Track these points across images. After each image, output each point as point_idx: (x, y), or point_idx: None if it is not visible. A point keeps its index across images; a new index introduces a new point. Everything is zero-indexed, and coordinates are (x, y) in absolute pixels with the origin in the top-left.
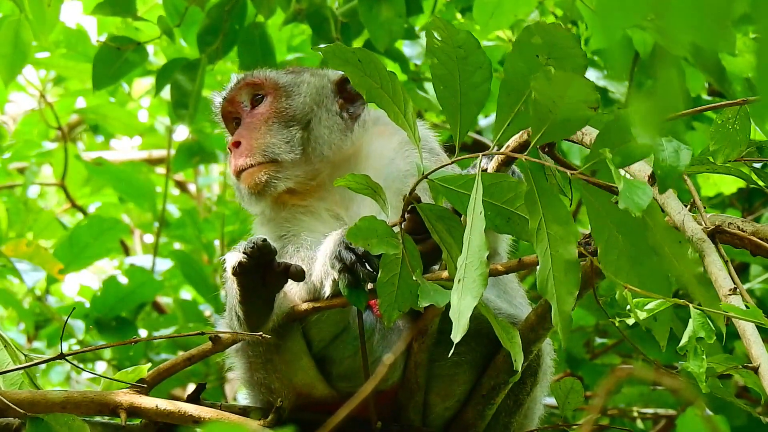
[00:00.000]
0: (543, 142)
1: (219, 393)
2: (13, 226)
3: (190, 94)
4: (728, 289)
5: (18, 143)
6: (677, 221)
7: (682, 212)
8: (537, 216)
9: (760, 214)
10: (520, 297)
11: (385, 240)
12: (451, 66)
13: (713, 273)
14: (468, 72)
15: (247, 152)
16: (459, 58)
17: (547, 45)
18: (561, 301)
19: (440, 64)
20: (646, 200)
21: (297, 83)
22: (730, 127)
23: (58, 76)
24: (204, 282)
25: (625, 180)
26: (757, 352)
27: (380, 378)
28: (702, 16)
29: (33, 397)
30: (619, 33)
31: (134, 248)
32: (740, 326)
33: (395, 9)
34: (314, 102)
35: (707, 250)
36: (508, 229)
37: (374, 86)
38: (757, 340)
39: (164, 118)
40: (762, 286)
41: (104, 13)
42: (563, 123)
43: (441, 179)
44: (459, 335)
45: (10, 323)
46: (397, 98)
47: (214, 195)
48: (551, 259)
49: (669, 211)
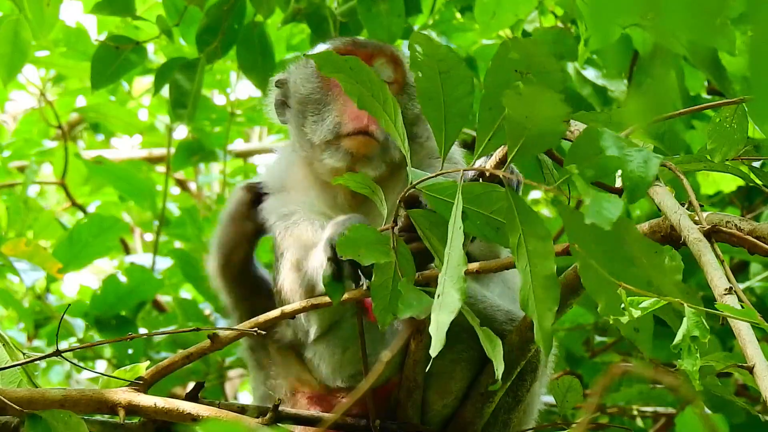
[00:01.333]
0: (519, 157)
1: (219, 391)
2: (13, 225)
3: (188, 94)
4: (724, 289)
5: (18, 142)
6: (673, 221)
7: (679, 211)
8: (516, 232)
9: (760, 212)
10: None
11: (375, 249)
12: (435, 80)
13: (709, 273)
14: (451, 86)
15: (371, 120)
16: (441, 71)
17: (525, 60)
18: (541, 318)
19: (424, 77)
20: (615, 213)
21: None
22: (728, 125)
23: (58, 74)
24: (204, 281)
25: (593, 193)
26: (752, 352)
27: (377, 375)
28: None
29: (31, 395)
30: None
31: (134, 247)
32: (735, 326)
33: (394, 9)
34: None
35: (703, 250)
36: (498, 239)
37: (365, 94)
38: (751, 340)
39: (164, 117)
40: (762, 284)
41: (103, 13)
42: (538, 138)
43: (430, 188)
44: (437, 350)
45: (10, 322)
46: (388, 107)
47: (214, 193)
48: (531, 276)
49: (665, 210)
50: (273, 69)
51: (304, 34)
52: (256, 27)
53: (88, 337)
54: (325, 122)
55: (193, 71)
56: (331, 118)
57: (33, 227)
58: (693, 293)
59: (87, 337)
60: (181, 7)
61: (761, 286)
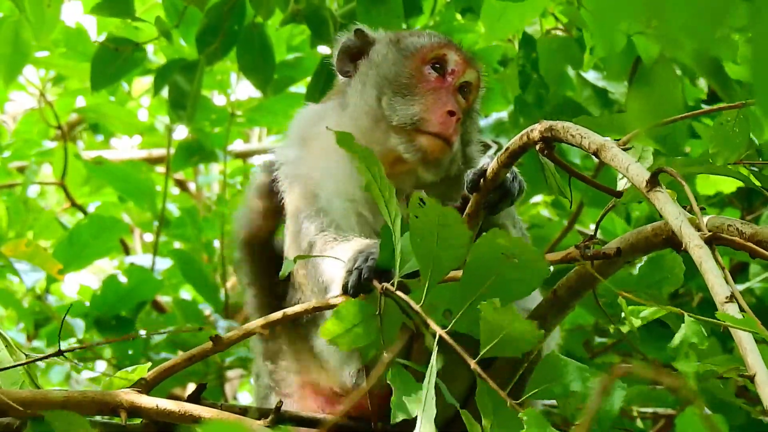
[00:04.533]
0: (489, 356)
1: (218, 392)
2: (13, 226)
3: (188, 95)
4: (725, 297)
5: (18, 142)
6: (675, 227)
7: (680, 218)
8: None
9: (760, 214)
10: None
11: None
12: (432, 229)
13: (710, 280)
14: (446, 239)
15: (457, 132)
16: (440, 224)
17: (512, 251)
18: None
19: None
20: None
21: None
22: (729, 129)
23: (57, 75)
24: (204, 281)
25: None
26: (753, 361)
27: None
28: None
29: (33, 397)
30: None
31: (134, 247)
32: (736, 335)
33: (394, 10)
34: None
35: (704, 257)
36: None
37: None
38: (752, 348)
39: (164, 117)
40: (761, 285)
41: (102, 14)
42: (511, 343)
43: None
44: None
45: (10, 322)
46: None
47: (213, 194)
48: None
49: (667, 216)
50: (273, 70)
51: (304, 35)
52: (255, 28)
53: (88, 337)
54: (409, 110)
55: (193, 73)
56: (417, 108)
57: (33, 228)
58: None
59: (87, 338)
60: (180, 8)
61: (761, 287)
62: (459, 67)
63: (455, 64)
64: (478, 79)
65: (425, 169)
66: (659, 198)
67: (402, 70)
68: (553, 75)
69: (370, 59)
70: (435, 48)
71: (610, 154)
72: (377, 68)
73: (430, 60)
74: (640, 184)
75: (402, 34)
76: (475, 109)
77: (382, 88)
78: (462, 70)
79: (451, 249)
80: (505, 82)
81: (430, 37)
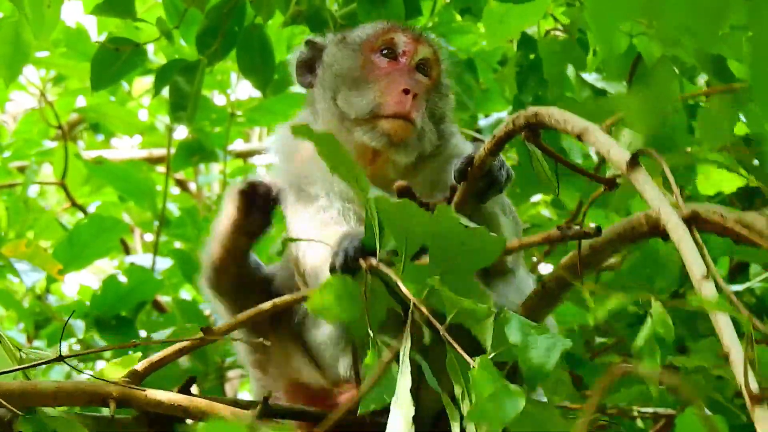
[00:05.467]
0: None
1: (218, 392)
2: (13, 226)
3: (188, 96)
4: (701, 275)
5: (18, 142)
6: (654, 207)
7: (660, 197)
8: None
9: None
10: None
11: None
12: (401, 219)
13: (687, 258)
14: (410, 227)
15: (416, 108)
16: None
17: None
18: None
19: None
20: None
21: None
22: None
23: (58, 75)
24: None
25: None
26: (728, 339)
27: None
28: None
29: (24, 388)
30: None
31: (134, 247)
32: (712, 314)
33: (394, 11)
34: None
35: (682, 235)
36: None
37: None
38: (728, 327)
39: (164, 117)
40: (762, 284)
41: (103, 14)
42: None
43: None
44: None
45: (10, 323)
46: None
47: (214, 194)
48: None
49: (646, 196)
50: (273, 71)
51: (304, 35)
52: (256, 29)
53: (88, 337)
54: (364, 99)
55: (193, 74)
56: (371, 96)
57: (33, 228)
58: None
59: (87, 338)
60: (181, 9)
61: (761, 287)
62: (409, 47)
63: (404, 44)
64: (436, 54)
65: (395, 152)
66: (639, 179)
67: (353, 65)
68: (555, 77)
69: (324, 63)
70: (380, 34)
71: (592, 137)
72: (330, 69)
73: (379, 47)
74: (621, 165)
75: (347, 31)
76: (442, 84)
77: (336, 87)
78: (413, 49)
79: (415, 236)
80: (503, 82)
81: (374, 26)
